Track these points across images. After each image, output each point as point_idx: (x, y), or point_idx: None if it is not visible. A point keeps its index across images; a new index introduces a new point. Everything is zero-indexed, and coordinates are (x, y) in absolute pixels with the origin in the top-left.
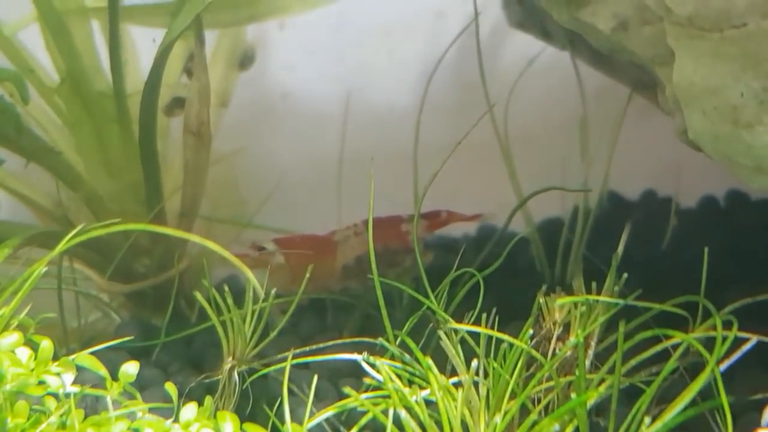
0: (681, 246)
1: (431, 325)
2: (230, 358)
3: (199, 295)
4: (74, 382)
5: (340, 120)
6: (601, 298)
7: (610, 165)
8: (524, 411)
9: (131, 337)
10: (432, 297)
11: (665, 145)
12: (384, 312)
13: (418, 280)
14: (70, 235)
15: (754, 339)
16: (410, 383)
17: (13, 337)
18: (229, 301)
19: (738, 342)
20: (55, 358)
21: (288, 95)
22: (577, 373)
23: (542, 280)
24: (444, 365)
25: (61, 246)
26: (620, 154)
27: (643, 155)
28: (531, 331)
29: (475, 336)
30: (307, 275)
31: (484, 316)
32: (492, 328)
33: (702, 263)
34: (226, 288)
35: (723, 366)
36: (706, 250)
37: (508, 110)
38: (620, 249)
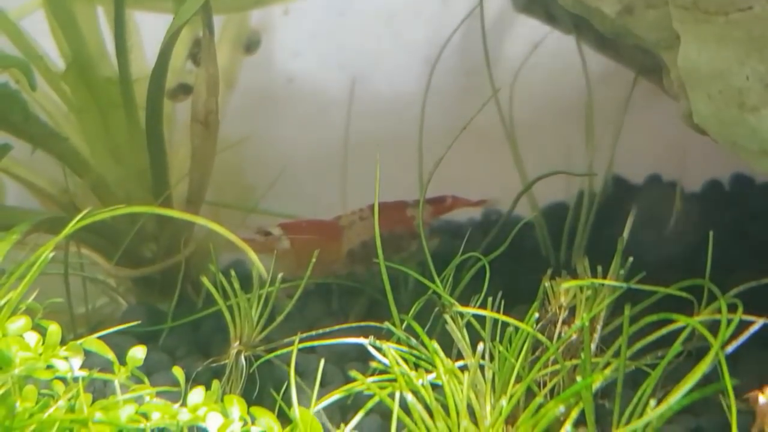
0: (686, 230)
1: (437, 309)
2: (237, 343)
3: (205, 280)
4: (82, 367)
5: (345, 105)
6: (606, 281)
7: (614, 149)
8: (530, 394)
9: (138, 322)
10: (438, 281)
11: (670, 129)
12: (390, 296)
13: (423, 265)
14: (76, 219)
15: (759, 322)
16: (416, 367)
17: (21, 321)
18: (236, 285)
19: (743, 325)
20: (63, 342)
21: (292, 81)
22: (582, 356)
23: (547, 264)
24: (450, 349)
25: (68, 230)
26: (625, 138)
27: (648, 139)
28: (536, 315)
29: (481, 319)
30: (313, 260)
31: (490, 299)
32: (498, 311)
33: (707, 247)
34: (233, 273)
35: (728, 349)
36: (711, 234)
37: (513, 95)
38: (626, 233)
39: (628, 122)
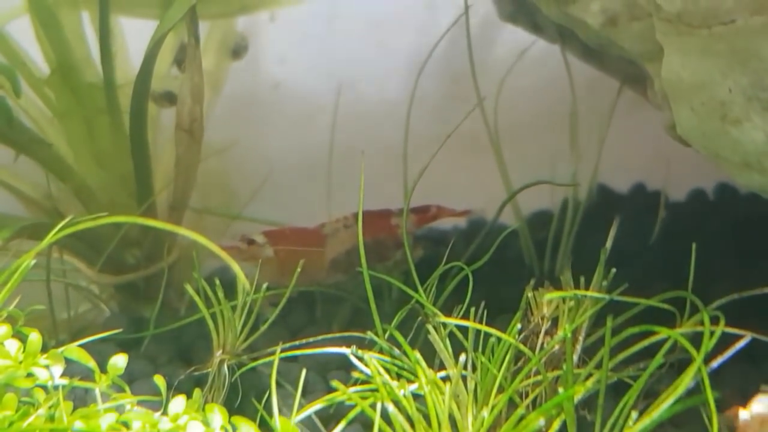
0: (670, 239)
1: (420, 318)
2: (220, 351)
3: (189, 288)
4: (63, 375)
5: (331, 112)
6: (589, 293)
7: (599, 158)
8: (512, 405)
9: (120, 330)
10: (421, 291)
11: (654, 137)
12: (373, 305)
13: (407, 273)
14: (58, 227)
15: (748, 336)
16: (398, 377)
17: (2, 329)
18: (220, 293)
19: (725, 336)
20: (45, 349)
21: (278, 87)
22: (564, 367)
23: (531, 273)
24: (432, 359)
25: (50, 237)
26: (610, 147)
27: (633, 148)
28: (519, 326)
29: (464, 329)
30: (298, 269)
31: (473, 309)
32: (480, 321)
33: (690, 256)
34: (217, 281)
35: (713, 365)
36: (693, 246)
37: (498, 103)
38: (609, 243)
39: (613, 131)
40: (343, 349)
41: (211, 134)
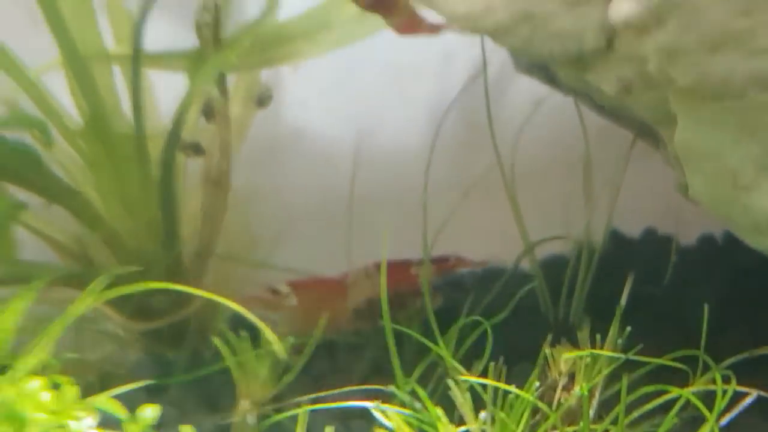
0: (681, 285)
1: (440, 369)
2: (244, 401)
3: (216, 340)
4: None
5: (351, 159)
6: (604, 352)
7: (614, 205)
8: None
9: (150, 382)
10: (441, 343)
11: (665, 182)
12: (395, 360)
13: (426, 322)
14: (93, 284)
15: (754, 394)
16: (420, 431)
17: (37, 383)
18: (245, 343)
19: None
20: None
21: (299, 134)
22: (581, 423)
23: (546, 320)
24: (452, 410)
25: (87, 298)
26: (622, 192)
27: (644, 192)
28: (537, 383)
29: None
30: (323, 321)
31: (492, 364)
32: (499, 373)
33: (701, 304)
34: (243, 333)
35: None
36: (705, 307)
37: (515, 150)
38: (623, 299)
39: (625, 175)
40: (366, 404)
41: (233, 180)
